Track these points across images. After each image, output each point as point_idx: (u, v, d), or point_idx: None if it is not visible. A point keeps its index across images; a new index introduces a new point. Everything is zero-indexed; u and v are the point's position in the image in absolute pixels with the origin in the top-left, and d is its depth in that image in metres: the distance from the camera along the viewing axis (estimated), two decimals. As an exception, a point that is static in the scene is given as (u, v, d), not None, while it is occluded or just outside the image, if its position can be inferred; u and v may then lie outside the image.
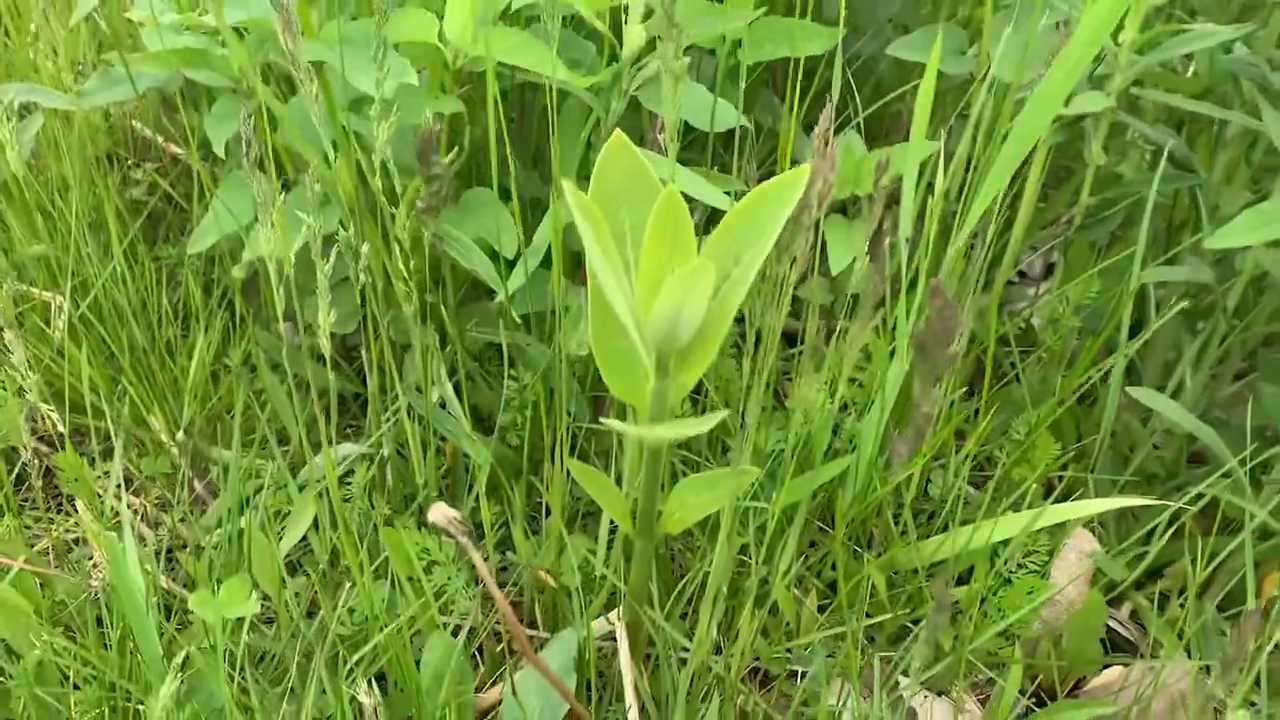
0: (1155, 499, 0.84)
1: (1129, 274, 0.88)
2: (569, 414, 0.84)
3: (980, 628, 0.73)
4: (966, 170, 0.89)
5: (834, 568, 0.82)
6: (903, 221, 0.67)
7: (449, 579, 0.77)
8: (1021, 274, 1.30)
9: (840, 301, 0.95)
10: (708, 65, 0.99)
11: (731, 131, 0.87)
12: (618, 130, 0.56)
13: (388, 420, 0.80)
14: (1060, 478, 0.94)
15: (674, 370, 0.56)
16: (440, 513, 0.54)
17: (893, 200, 0.86)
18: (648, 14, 0.77)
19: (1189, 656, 0.84)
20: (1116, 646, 0.88)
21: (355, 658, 0.66)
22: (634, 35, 0.73)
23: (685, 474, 0.78)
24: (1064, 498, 0.92)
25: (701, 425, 0.50)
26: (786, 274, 0.56)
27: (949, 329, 0.45)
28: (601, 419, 0.53)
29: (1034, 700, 0.83)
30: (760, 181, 0.81)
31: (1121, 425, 0.94)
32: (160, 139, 1.13)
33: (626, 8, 0.74)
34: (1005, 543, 0.80)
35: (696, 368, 0.56)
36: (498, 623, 0.81)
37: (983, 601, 0.76)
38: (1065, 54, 0.60)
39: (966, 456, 0.86)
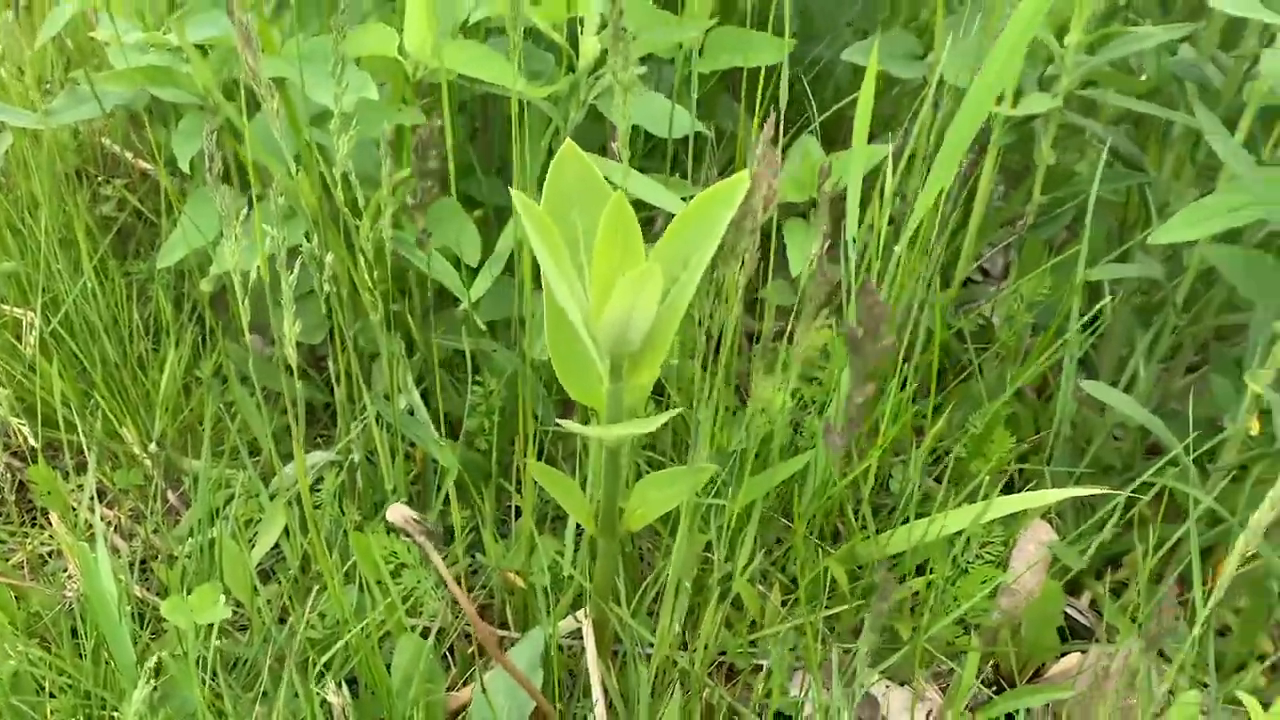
0: (1109, 489, 0.87)
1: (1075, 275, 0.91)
2: (535, 418, 0.86)
3: (936, 617, 0.75)
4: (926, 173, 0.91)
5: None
6: (849, 226, 0.69)
7: (418, 582, 0.78)
8: (985, 271, 1.33)
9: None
10: (668, 72, 1.01)
11: (694, 136, 0.89)
12: (569, 140, 0.58)
13: (356, 428, 0.81)
14: (1020, 470, 0.96)
15: (628, 372, 0.58)
16: (398, 513, 0.55)
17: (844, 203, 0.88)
18: (603, 25, 0.79)
19: (1145, 641, 0.86)
20: (1076, 634, 0.91)
21: (323, 660, 0.67)
22: (589, 46, 0.75)
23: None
24: (1022, 490, 0.94)
25: (651, 424, 0.52)
26: (735, 277, 0.58)
27: (878, 325, 0.46)
28: (558, 421, 0.55)
29: (996, 688, 0.85)
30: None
31: (1081, 418, 0.96)
32: (129, 155, 1.14)
33: (582, 19, 0.76)
34: (963, 534, 0.82)
35: (649, 369, 0.58)
36: (469, 623, 0.83)
37: (940, 592, 0.78)
38: (995, 52, 0.62)
39: (925, 451, 0.88)
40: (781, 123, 0.65)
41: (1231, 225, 0.69)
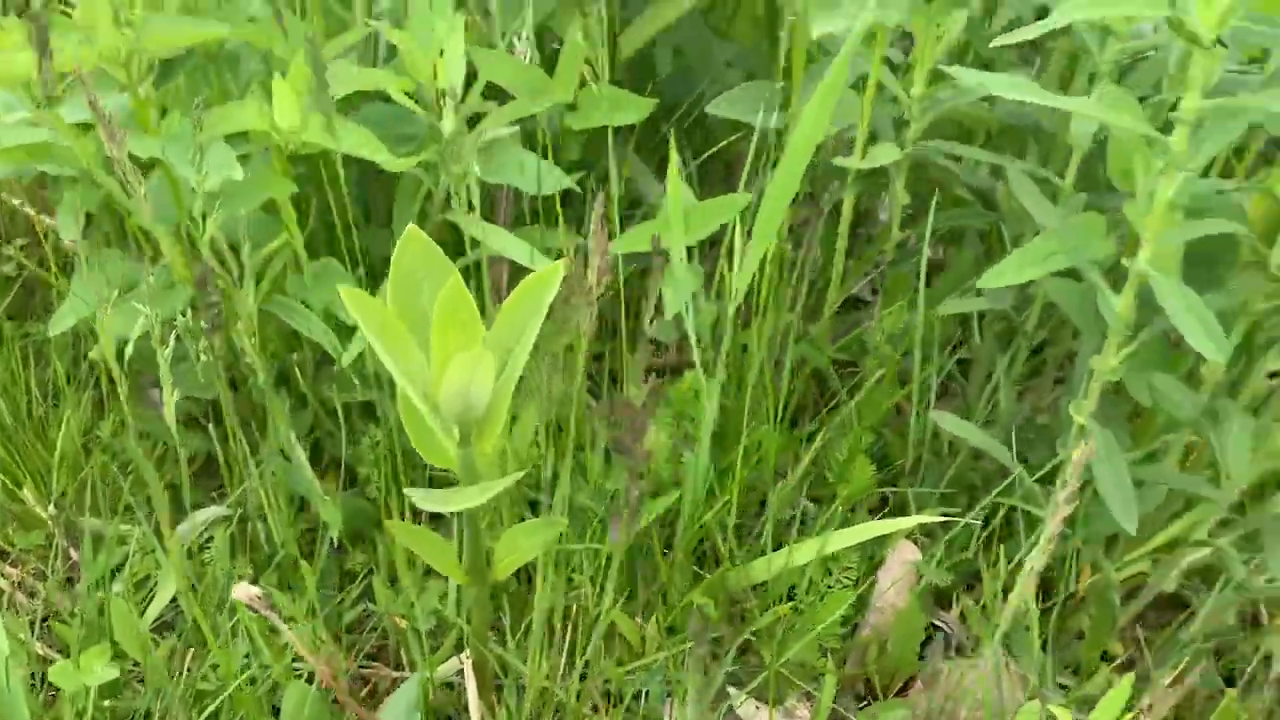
0: (965, 509, 0.93)
1: (942, 300, 0.97)
2: (427, 467, 0.90)
3: (790, 641, 0.81)
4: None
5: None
6: (679, 290, 0.74)
7: (313, 629, 0.82)
8: (876, 291, 1.38)
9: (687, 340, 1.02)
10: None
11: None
12: (411, 224, 0.62)
13: (247, 482, 0.85)
14: (894, 491, 1.01)
15: (474, 440, 0.63)
16: (243, 591, 0.59)
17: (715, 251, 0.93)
18: (466, 95, 0.83)
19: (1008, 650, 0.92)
20: (949, 646, 0.96)
21: (207, 713, 0.71)
22: (450, 119, 0.79)
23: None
24: (895, 510, 1.00)
25: (487, 494, 0.57)
26: (575, 344, 0.62)
27: (639, 433, 0.52)
28: (406, 491, 0.59)
29: (867, 703, 0.91)
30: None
31: (949, 437, 1.02)
32: (34, 210, 1.16)
33: (444, 91, 0.80)
34: (823, 560, 0.88)
35: (492, 437, 0.62)
36: (361, 665, 0.87)
37: (801, 616, 0.83)
38: (808, 110, 0.67)
39: (797, 480, 0.93)
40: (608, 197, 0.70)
41: (1046, 271, 0.75)
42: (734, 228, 0.84)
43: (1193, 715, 0.90)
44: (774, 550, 0.88)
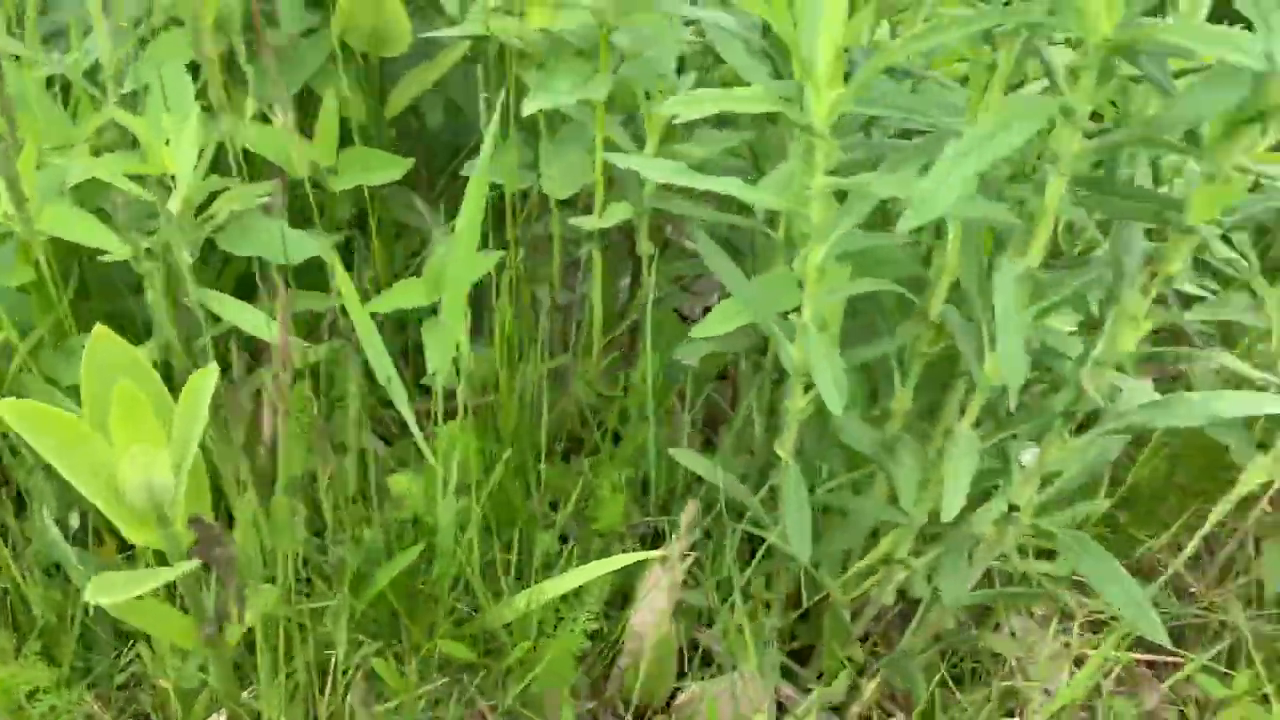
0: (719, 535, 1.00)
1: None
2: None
3: (519, 677, 0.87)
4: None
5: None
6: (380, 360, 0.80)
7: (76, 701, 0.86)
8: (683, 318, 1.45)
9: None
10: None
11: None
12: (99, 324, 0.67)
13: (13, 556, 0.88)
14: (656, 521, 1.08)
15: (172, 521, 0.67)
16: None
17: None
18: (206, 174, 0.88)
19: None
20: (712, 663, 1.03)
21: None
22: (178, 204, 0.83)
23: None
24: (653, 538, 1.07)
25: (152, 582, 0.62)
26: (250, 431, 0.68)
27: (219, 545, 0.58)
28: (90, 579, 0.64)
29: (632, 723, 0.98)
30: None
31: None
32: None
33: (174, 176, 0.84)
34: (576, 594, 0.94)
35: (178, 519, 0.67)
36: (130, 724, 0.91)
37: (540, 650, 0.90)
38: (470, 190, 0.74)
39: (566, 515, 1.00)
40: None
41: (736, 325, 0.82)
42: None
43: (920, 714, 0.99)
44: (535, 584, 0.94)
